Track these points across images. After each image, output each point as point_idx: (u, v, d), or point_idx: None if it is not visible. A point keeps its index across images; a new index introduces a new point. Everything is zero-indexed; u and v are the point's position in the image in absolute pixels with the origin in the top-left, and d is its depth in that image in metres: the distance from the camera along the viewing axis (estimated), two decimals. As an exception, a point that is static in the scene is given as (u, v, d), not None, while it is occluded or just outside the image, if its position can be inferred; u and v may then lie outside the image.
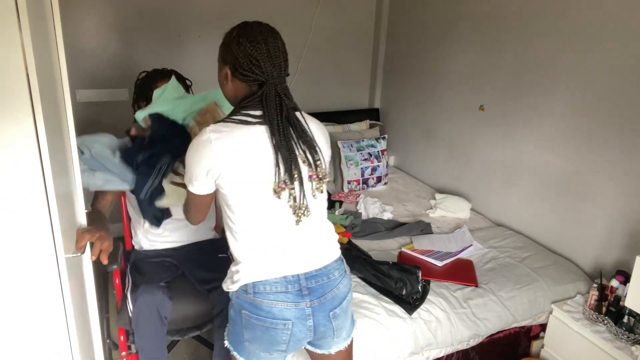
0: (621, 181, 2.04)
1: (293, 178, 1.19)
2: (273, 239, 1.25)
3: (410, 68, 3.35)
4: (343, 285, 1.34)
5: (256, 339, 1.27)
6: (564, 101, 2.25)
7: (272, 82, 1.20)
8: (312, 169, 1.24)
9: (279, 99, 1.21)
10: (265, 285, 1.24)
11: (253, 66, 1.19)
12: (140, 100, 1.84)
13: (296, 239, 1.27)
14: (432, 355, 1.88)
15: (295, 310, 1.25)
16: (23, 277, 1.07)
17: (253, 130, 1.19)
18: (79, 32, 2.73)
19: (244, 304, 1.26)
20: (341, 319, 1.33)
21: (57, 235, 1.07)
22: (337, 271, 1.33)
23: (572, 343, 1.90)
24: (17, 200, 1.01)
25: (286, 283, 1.25)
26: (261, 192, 1.20)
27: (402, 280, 1.92)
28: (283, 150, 1.18)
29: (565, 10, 2.19)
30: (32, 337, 1.12)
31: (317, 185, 1.25)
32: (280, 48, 1.23)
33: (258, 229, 1.25)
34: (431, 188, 3.22)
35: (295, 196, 1.21)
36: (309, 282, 1.26)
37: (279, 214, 1.23)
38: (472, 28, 2.76)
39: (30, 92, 0.95)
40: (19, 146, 0.97)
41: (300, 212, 1.22)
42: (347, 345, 1.41)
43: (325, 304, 1.28)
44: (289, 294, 1.24)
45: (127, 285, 1.79)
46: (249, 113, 1.20)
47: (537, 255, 2.30)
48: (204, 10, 2.96)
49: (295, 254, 1.27)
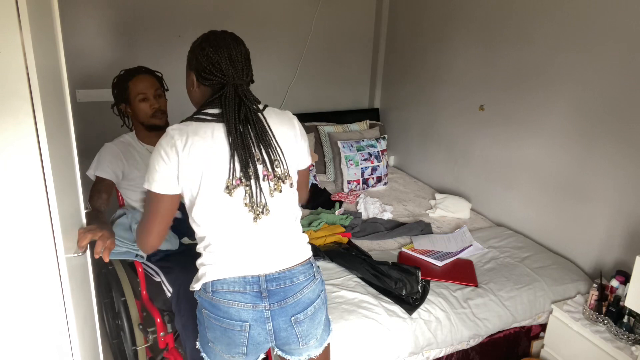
0: (621, 181, 2.04)
1: (248, 176, 1.20)
2: (230, 236, 1.24)
3: (410, 68, 3.35)
4: (309, 291, 1.30)
5: (217, 339, 1.26)
6: (564, 101, 2.25)
7: (232, 83, 1.23)
8: (267, 168, 1.23)
9: (239, 99, 1.23)
10: (223, 284, 1.23)
11: (215, 69, 1.23)
12: (119, 102, 1.94)
13: (256, 238, 1.26)
14: (432, 355, 1.88)
15: (252, 312, 1.23)
16: (23, 277, 1.07)
17: (209, 128, 1.21)
18: (79, 32, 2.73)
19: (204, 303, 1.27)
20: (306, 326, 1.29)
21: (57, 235, 1.07)
22: (303, 275, 1.30)
23: (572, 343, 1.90)
24: (18, 200, 1.01)
25: (245, 283, 1.23)
26: (215, 188, 1.20)
27: (401, 281, 1.92)
28: (239, 148, 1.19)
29: (565, 10, 2.19)
30: (32, 336, 1.12)
31: (275, 185, 1.24)
32: (243, 54, 1.26)
33: (214, 226, 1.24)
34: (431, 188, 3.22)
35: (252, 193, 1.21)
36: (270, 284, 1.24)
37: (234, 211, 1.23)
38: (472, 28, 2.76)
39: (30, 92, 0.95)
40: (19, 146, 0.97)
41: (257, 210, 1.22)
42: (318, 354, 1.37)
43: (286, 309, 1.26)
44: (246, 294, 1.23)
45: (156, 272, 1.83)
46: (207, 112, 1.23)
47: (537, 255, 2.30)
48: (204, 10, 2.96)
49: (256, 253, 1.25)
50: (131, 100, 1.89)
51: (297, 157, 1.33)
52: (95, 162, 1.89)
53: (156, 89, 1.91)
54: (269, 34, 3.20)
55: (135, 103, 1.89)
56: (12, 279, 1.05)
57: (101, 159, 1.89)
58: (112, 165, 1.88)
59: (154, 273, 1.85)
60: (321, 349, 1.37)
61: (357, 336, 1.73)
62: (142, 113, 1.90)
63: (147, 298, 1.85)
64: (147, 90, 1.88)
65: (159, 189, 1.20)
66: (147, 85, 1.89)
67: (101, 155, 1.90)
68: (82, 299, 1.34)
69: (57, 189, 1.05)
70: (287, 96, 3.44)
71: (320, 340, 1.36)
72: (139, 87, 1.88)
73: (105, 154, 1.90)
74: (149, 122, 1.91)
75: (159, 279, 1.82)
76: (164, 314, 1.78)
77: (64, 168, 1.22)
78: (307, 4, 3.31)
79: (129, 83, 1.88)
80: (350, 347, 1.71)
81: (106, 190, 1.84)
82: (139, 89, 1.88)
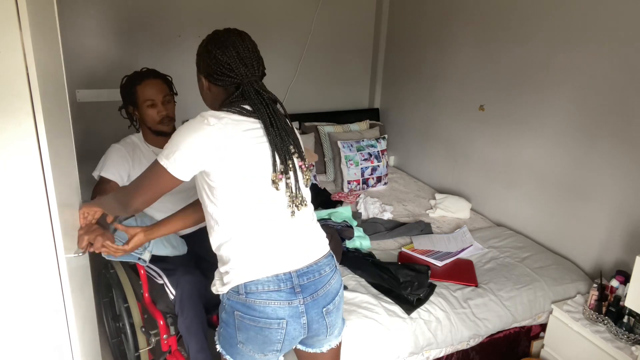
0: (621, 181, 2.04)
1: (288, 168, 1.22)
2: (267, 235, 1.24)
3: (410, 68, 3.35)
4: (335, 281, 1.34)
5: (250, 339, 1.25)
6: (564, 101, 2.25)
7: (247, 81, 1.24)
8: (301, 159, 1.28)
9: (260, 95, 1.24)
10: (257, 285, 1.22)
11: (226, 70, 1.23)
12: (127, 105, 1.90)
13: (289, 233, 1.27)
14: (432, 355, 1.88)
15: (288, 308, 1.24)
16: (23, 276, 1.07)
17: (249, 122, 1.22)
18: (79, 32, 2.73)
19: (236, 305, 1.24)
20: (334, 315, 1.33)
21: (57, 235, 1.07)
22: (328, 267, 1.32)
23: (572, 343, 1.90)
24: (18, 200, 1.01)
25: (278, 281, 1.23)
26: (257, 185, 1.20)
27: (410, 281, 1.92)
28: (278, 142, 1.21)
29: (565, 9, 2.19)
30: (32, 336, 1.12)
31: (307, 175, 1.29)
32: (250, 49, 1.25)
33: (252, 226, 1.22)
34: (431, 188, 3.22)
35: (292, 186, 1.24)
36: (301, 279, 1.25)
37: (275, 208, 1.24)
38: (472, 28, 2.76)
39: (30, 92, 0.95)
40: (19, 146, 0.97)
41: (297, 202, 1.25)
42: (338, 344, 1.40)
43: (319, 300, 1.28)
44: (281, 292, 1.23)
45: (158, 274, 1.82)
46: (243, 107, 1.23)
47: (537, 255, 2.30)
48: (204, 10, 2.96)
49: (287, 250, 1.26)
50: (139, 105, 1.86)
51: None
52: (102, 163, 1.86)
53: (165, 95, 1.87)
54: (269, 33, 3.20)
55: (143, 108, 1.86)
56: (12, 279, 1.05)
57: (107, 159, 1.86)
58: (118, 166, 1.85)
59: (156, 275, 1.84)
60: (340, 339, 1.41)
61: (357, 336, 1.73)
62: (149, 119, 1.87)
63: (150, 300, 1.84)
64: (156, 96, 1.84)
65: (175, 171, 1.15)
66: (155, 91, 1.85)
67: (108, 156, 1.87)
68: (82, 299, 1.34)
69: (57, 189, 1.05)
70: (287, 96, 3.44)
71: (340, 329, 1.39)
72: (147, 92, 1.84)
73: (112, 155, 1.87)
74: (156, 128, 1.89)
75: (162, 281, 1.81)
76: (167, 317, 1.77)
77: (64, 168, 1.22)
78: (307, 4, 3.31)
79: (137, 87, 1.84)
80: (350, 347, 1.71)
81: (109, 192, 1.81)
82: (147, 94, 1.84)
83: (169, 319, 1.77)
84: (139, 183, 1.25)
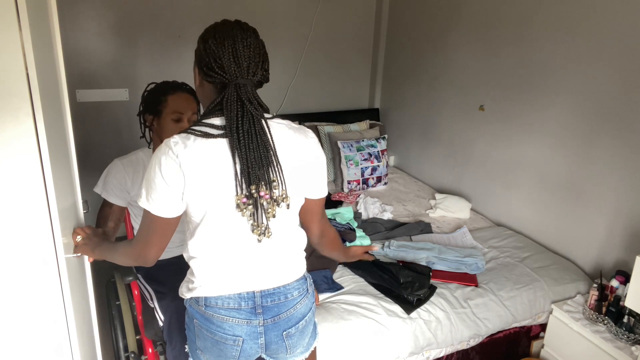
0: (621, 181, 2.04)
1: (251, 195, 1.08)
2: (232, 257, 1.17)
3: (410, 68, 3.35)
4: (302, 306, 1.26)
5: (207, 349, 1.23)
6: (564, 101, 2.25)
7: (234, 84, 1.09)
8: (264, 188, 1.09)
9: (241, 104, 1.08)
10: (217, 300, 1.18)
11: (215, 65, 1.08)
12: (147, 113, 1.74)
13: (256, 256, 1.19)
14: (432, 355, 1.88)
15: (247, 327, 1.20)
16: (23, 276, 1.07)
17: (215, 144, 1.07)
18: (79, 32, 2.73)
19: (195, 314, 1.22)
20: (296, 338, 1.27)
21: (57, 235, 1.07)
22: (297, 291, 1.25)
23: (572, 343, 1.90)
24: (17, 200, 1.01)
25: (240, 300, 1.19)
26: (222, 208, 1.10)
27: (411, 282, 1.92)
28: (244, 166, 1.07)
29: (565, 10, 2.19)
30: (32, 335, 1.12)
31: (269, 207, 1.11)
32: (252, 47, 1.10)
33: (217, 247, 1.16)
34: (431, 188, 3.22)
35: (256, 214, 1.10)
36: (264, 300, 1.20)
37: (240, 231, 1.14)
38: (473, 28, 2.76)
39: (30, 92, 0.95)
40: (19, 146, 0.97)
41: (259, 231, 1.12)
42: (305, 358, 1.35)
43: (279, 324, 1.22)
44: (241, 311, 1.19)
45: (150, 296, 1.76)
46: (212, 123, 1.10)
47: (537, 255, 2.30)
48: (204, 11, 2.97)
49: (252, 271, 1.19)
50: (163, 116, 1.69)
51: (305, 183, 1.19)
52: (102, 182, 1.74)
53: (193, 112, 1.71)
54: (269, 33, 3.16)
55: (166, 120, 1.68)
56: (12, 278, 1.05)
57: (107, 182, 1.74)
58: (116, 190, 1.74)
59: (148, 297, 1.78)
60: (307, 354, 1.36)
61: (357, 336, 1.73)
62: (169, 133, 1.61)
63: (142, 324, 1.79)
64: (185, 111, 1.68)
65: (159, 210, 1.08)
66: (186, 106, 1.69)
67: (108, 176, 1.75)
68: (81, 299, 1.34)
69: (56, 189, 1.05)
70: (287, 96, 3.44)
71: (306, 346, 1.34)
72: (179, 105, 1.68)
73: (111, 178, 1.74)
74: None
75: (152, 304, 1.74)
76: (156, 345, 1.73)
77: (63, 168, 1.22)
78: (307, 4, 3.31)
79: (168, 97, 1.68)
80: (350, 347, 1.71)
81: (113, 218, 1.73)
82: (177, 107, 1.68)
83: (159, 347, 1.72)
84: (142, 236, 1.16)
